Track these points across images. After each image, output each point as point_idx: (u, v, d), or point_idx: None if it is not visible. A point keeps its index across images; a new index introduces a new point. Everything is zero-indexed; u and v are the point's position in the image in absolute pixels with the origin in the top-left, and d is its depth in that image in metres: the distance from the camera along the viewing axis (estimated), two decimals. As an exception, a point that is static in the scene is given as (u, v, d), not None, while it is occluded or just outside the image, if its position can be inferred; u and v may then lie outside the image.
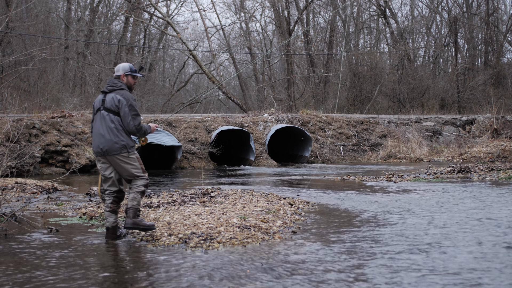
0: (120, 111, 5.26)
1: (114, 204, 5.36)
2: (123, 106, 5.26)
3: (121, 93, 5.32)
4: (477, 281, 3.92)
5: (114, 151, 5.23)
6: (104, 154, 5.27)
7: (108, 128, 5.24)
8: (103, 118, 5.28)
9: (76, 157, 14.38)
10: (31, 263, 4.56)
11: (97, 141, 5.29)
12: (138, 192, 5.31)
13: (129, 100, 5.30)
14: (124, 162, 5.27)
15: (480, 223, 6.00)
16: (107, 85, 5.42)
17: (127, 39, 33.09)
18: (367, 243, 5.17)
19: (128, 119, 5.25)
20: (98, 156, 5.34)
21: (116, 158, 5.26)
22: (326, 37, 34.37)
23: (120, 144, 5.23)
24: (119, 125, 5.27)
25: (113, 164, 5.32)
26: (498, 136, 18.95)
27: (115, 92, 5.33)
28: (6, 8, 22.20)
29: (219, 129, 17.49)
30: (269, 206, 7.11)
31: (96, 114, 5.39)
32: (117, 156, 5.25)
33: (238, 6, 33.94)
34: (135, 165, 5.32)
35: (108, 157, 5.28)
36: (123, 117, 5.26)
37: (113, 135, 5.22)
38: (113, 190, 5.37)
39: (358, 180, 11.41)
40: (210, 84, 35.01)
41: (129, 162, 5.29)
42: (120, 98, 5.28)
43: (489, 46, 35.88)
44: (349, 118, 21.64)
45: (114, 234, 5.39)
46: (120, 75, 5.45)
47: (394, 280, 3.98)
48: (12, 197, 8.36)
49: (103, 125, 5.27)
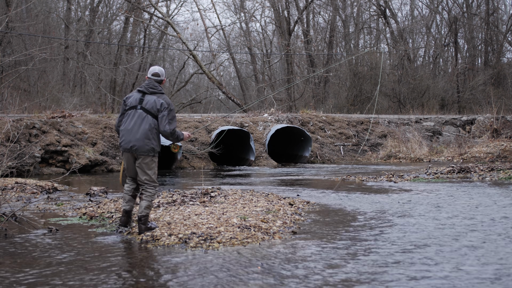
0: (159, 113, 5.46)
1: (135, 191, 5.71)
2: (164, 109, 5.46)
3: (163, 97, 5.54)
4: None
5: (143, 152, 5.45)
6: (132, 152, 5.47)
7: (143, 129, 5.42)
8: (139, 118, 5.45)
9: (76, 157, 14.38)
10: (32, 263, 4.56)
11: (128, 138, 5.46)
12: (150, 201, 5.57)
13: (170, 105, 5.55)
14: (147, 164, 5.51)
15: (482, 223, 6.01)
16: (148, 87, 5.56)
17: (127, 39, 33.08)
18: (368, 243, 5.17)
19: (165, 122, 5.45)
20: (126, 152, 5.54)
21: (142, 158, 5.48)
22: (326, 37, 34.37)
23: (150, 146, 5.45)
24: (154, 128, 5.46)
25: (137, 162, 5.53)
26: (498, 136, 18.94)
27: (156, 95, 5.52)
28: (6, 8, 22.19)
29: (219, 129, 17.49)
30: (269, 206, 7.11)
31: (129, 110, 5.53)
32: (144, 157, 5.48)
33: (238, 6, 33.93)
34: (151, 172, 5.56)
35: (135, 154, 5.49)
36: (161, 119, 5.45)
37: (146, 136, 5.42)
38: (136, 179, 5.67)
39: (358, 180, 11.41)
40: (210, 84, 35.03)
41: (150, 167, 5.54)
42: (163, 102, 5.49)
43: (489, 46, 35.88)
44: (349, 118, 21.64)
45: (129, 218, 5.76)
46: (163, 79, 5.68)
47: (394, 280, 3.98)
48: (12, 197, 8.36)
49: (138, 124, 5.44)
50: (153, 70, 5.68)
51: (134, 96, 5.57)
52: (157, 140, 5.54)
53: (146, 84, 5.58)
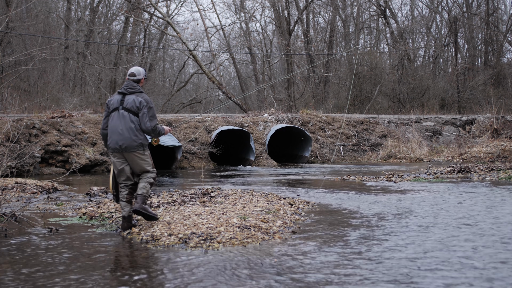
0: (139, 112, 5.71)
1: (129, 195, 5.82)
2: (143, 107, 5.71)
3: (141, 96, 5.78)
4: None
5: (132, 148, 5.68)
6: (122, 150, 5.70)
7: (128, 127, 5.67)
8: (123, 117, 5.70)
9: (76, 157, 14.38)
10: (32, 263, 4.56)
11: (116, 138, 5.69)
12: (148, 182, 5.79)
13: (149, 103, 5.78)
14: (140, 159, 5.76)
15: (483, 223, 6.01)
16: (127, 87, 5.82)
17: (127, 39, 33.08)
18: (368, 243, 5.17)
19: (146, 119, 5.71)
20: (115, 152, 5.75)
21: (133, 155, 5.73)
22: (326, 37, 34.37)
23: (138, 142, 5.69)
24: (138, 125, 5.71)
25: (129, 160, 5.77)
26: (498, 136, 18.94)
27: (135, 94, 5.78)
28: (6, 8, 22.19)
29: (219, 129, 17.49)
30: (269, 206, 7.11)
31: (112, 112, 5.77)
32: (134, 153, 5.72)
33: (238, 6, 33.94)
34: (147, 162, 5.84)
35: (125, 153, 5.72)
36: (141, 117, 5.71)
37: (132, 134, 5.66)
38: (129, 183, 5.84)
39: (358, 180, 11.41)
40: (210, 84, 35.03)
41: (143, 158, 5.79)
42: (141, 100, 5.73)
43: (489, 46, 35.88)
44: (349, 118, 21.64)
45: (130, 223, 5.81)
46: (140, 78, 5.91)
47: (394, 281, 3.98)
48: (12, 197, 8.36)
49: (123, 123, 5.68)
50: (130, 71, 5.96)
51: (115, 98, 5.83)
52: (143, 134, 5.77)
53: (125, 85, 5.86)
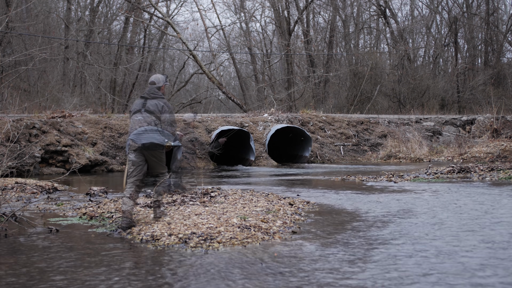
0: (162, 115, 6.10)
1: (135, 193, 6.02)
2: (166, 112, 6.14)
3: (163, 101, 6.21)
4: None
5: (154, 147, 6.00)
6: (145, 148, 5.96)
7: (151, 128, 6.01)
8: (145, 118, 6.05)
9: (76, 157, 14.38)
10: (32, 263, 4.56)
11: (139, 137, 5.96)
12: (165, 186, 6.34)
13: (171, 109, 6.24)
14: (159, 158, 6.11)
15: (483, 222, 6.01)
16: (149, 92, 6.23)
17: (127, 39, 33.07)
18: (368, 243, 5.17)
19: (167, 124, 6.13)
20: (137, 150, 5.98)
21: (154, 153, 6.04)
22: (326, 37, 34.36)
23: (159, 141, 6.00)
24: (160, 127, 6.09)
25: (148, 158, 6.05)
26: (498, 136, 18.94)
27: (157, 99, 6.18)
28: (6, 8, 22.19)
29: (219, 129, 17.49)
30: (269, 206, 7.11)
31: (135, 113, 6.12)
32: (155, 151, 6.03)
33: (238, 6, 33.93)
34: (164, 163, 6.23)
35: (146, 151, 5.98)
36: (163, 121, 6.11)
37: (155, 134, 5.99)
38: (140, 179, 6.06)
39: (358, 180, 11.41)
40: (210, 84, 35.01)
41: (162, 158, 6.16)
42: (163, 105, 6.15)
43: (489, 46, 35.87)
44: (349, 118, 21.63)
45: (129, 219, 5.93)
46: (161, 86, 6.30)
47: (395, 281, 3.98)
48: (12, 197, 8.36)
49: (145, 124, 6.03)
50: (150, 80, 6.35)
51: (138, 102, 6.24)
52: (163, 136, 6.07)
53: (147, 91, 6.27)
